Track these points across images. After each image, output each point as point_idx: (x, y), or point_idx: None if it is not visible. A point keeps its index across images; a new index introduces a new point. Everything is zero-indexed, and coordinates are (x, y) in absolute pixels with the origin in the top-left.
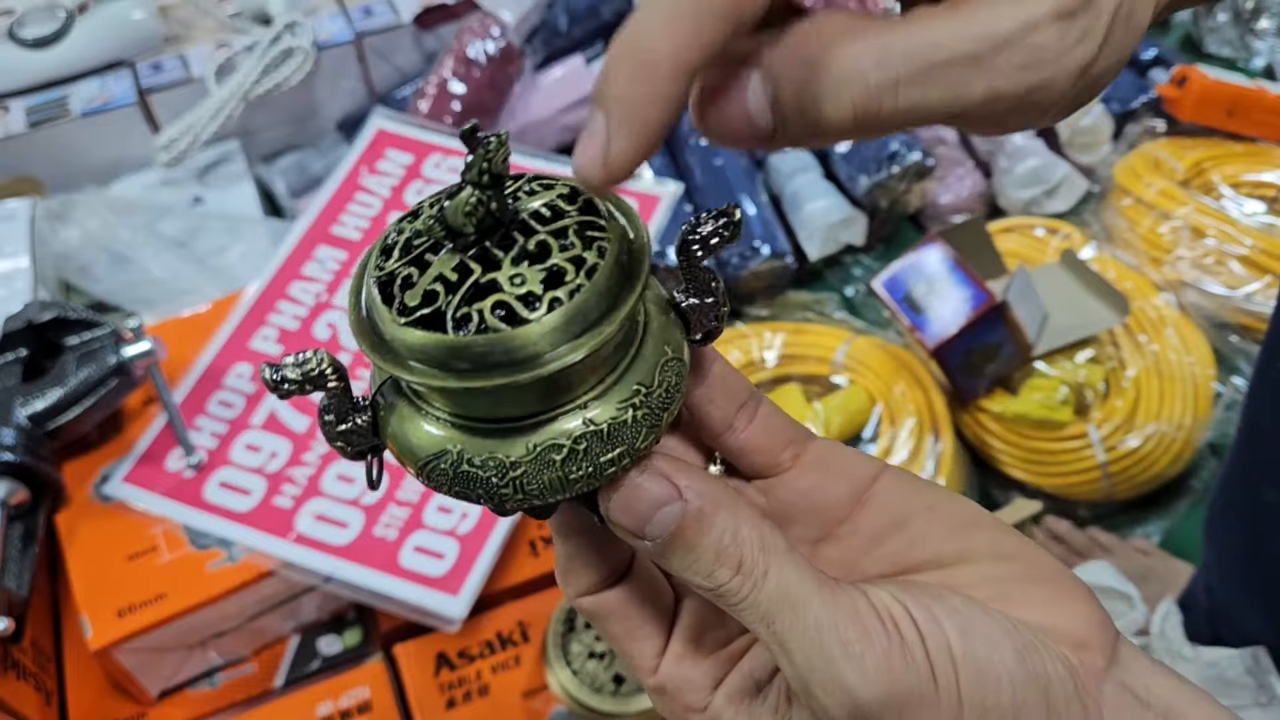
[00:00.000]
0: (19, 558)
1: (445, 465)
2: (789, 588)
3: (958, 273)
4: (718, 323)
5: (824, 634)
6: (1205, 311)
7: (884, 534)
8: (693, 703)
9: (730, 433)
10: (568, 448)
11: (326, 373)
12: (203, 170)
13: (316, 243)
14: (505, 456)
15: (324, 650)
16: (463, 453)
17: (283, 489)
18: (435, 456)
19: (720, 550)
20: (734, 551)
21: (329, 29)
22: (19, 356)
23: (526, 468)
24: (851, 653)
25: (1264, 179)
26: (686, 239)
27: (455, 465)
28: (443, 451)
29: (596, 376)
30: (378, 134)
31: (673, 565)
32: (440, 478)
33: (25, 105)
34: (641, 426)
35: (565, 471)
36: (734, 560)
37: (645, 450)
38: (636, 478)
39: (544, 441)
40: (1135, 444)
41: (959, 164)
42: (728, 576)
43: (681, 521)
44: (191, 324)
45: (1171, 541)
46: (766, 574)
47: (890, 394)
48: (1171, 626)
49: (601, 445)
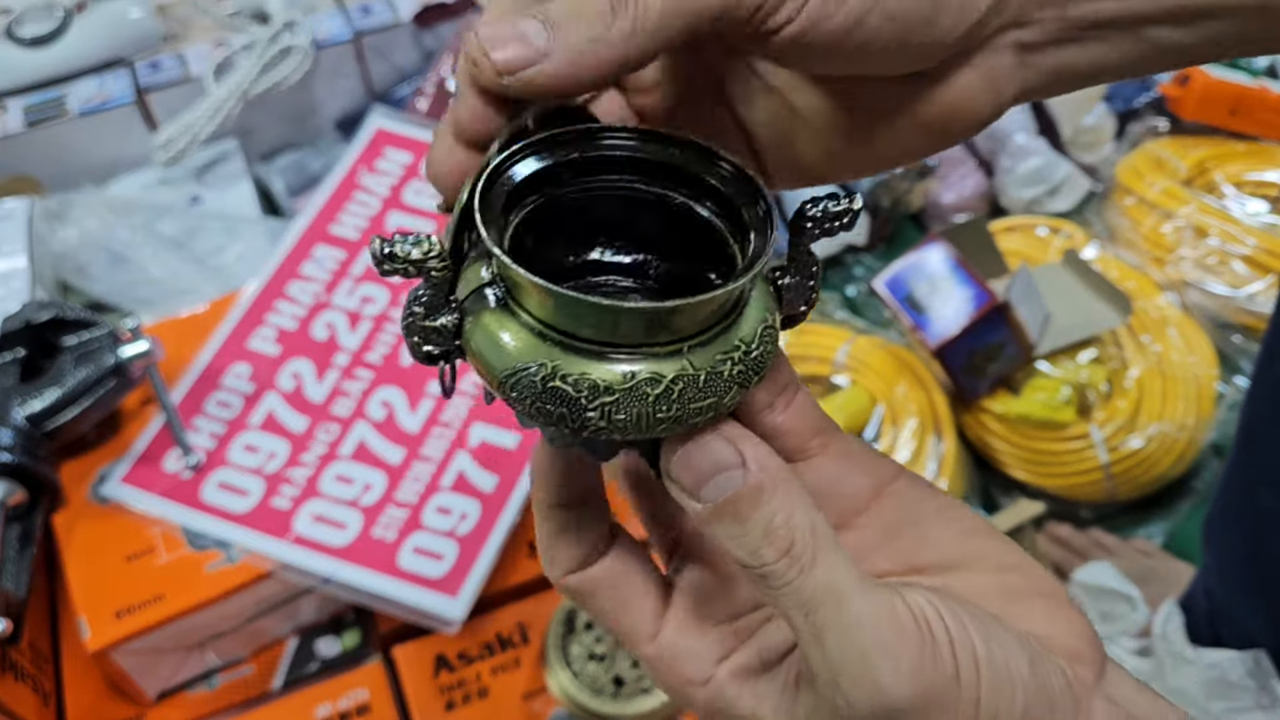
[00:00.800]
0: (16, 559)
1: (535, 377)
2: (835, 580)
3: (960, 272)
4: (807, 307)
5: (863, 630)
6: (1208, 311)
7: (898, 530)
8: (694, 675)
9: (769, 412)
10: (664, 385)
11: (435, 261)
12: (201, 169)
13: (315, 242)
14: (600, 380)
15: (323, 652)
16: (557, 368)
17: (281, 490)
18: (526, 366)
19: (770, 530)
20: (784, 534)
21: (328, 28)
22: (16, 357)
23: (620, 395)
24: (888, 652)
25: (1267, 178)
26: (804, 217)
27: (546, 379)
28: (536, 362)
29: (704, 325)
30: (377, 133)
31: (719, 535)
32: (525, 389)
33: (23, 104)
34: (733, 384)
35: (654, 409)
36: (783, 543)
37: (729, 407)
38: (705, 435)
39: (643, 374)
40: (1138, 444)
41: (961, 163)
42: (774, 558)
43: (738, 491)
44: (189, 324)
45: (1174, 542)
46: (815, 563)
47: (892, 394)
48: (1173, 628)
49: (695, 392)
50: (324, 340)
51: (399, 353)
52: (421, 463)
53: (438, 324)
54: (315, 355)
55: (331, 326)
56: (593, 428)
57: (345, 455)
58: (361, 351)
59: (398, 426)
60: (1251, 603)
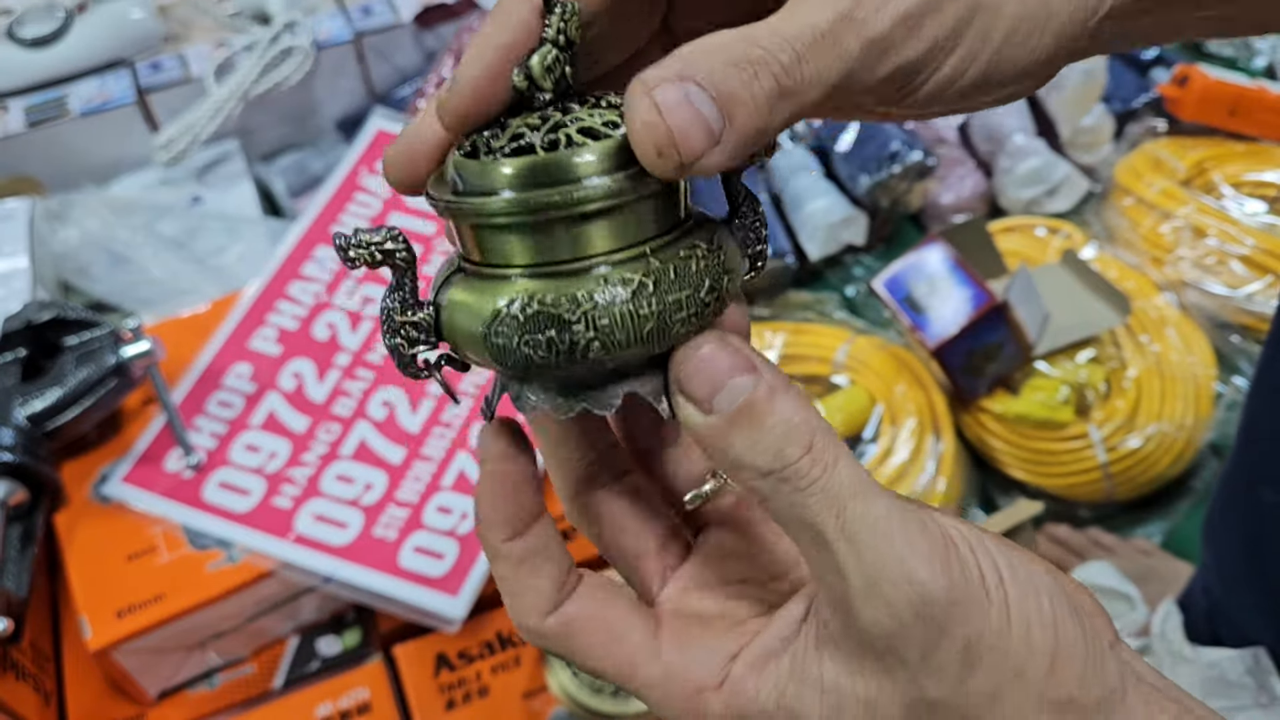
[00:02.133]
0: (18, 558)
1: (514, 310)
2: (859, 479)
3: (959, 272)
4: (762, 245)
5: (894, 527)
6: (1206, 311)
7: None
8: (707, 679)
9: None
10: (637, 282)
11: (393, 244)
12: (202, 170)
13: (316, 243)
14: (575, 291)
15: (323, 651)
16: (534, 294)
17: (282, 489)
18: (506, 304)
19: (790, 428)
20: (805, 431)
21: (328, 28)
22: (18, 356)
23: (598, 299)
24: (918, 547)
25: (1265, 178)
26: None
27: (525, 307)
28: (512, 298)
29: (661, 226)
30: (377, 134)
31: (733, 446)
32: (509, 329)
33: (24, 105)
34: (704, 277)
35: (635, 307)
36: (805, 439)
37: (709, 308)
38: (711, 344)
39: (614, 276)
40: (1136, 444)
41: (960, 163)
42: (798, 454)
43: (754, 394)
44: (190, 324)
45: (1173, 542)
46: (838, 460)
47: (891, 394)
48: (1172, 627)
49: (668, 285)
50: (325, 340)
51: None
52: (422, 462)
53: (415, 319)
54: (316, 355)
55: (333, 326)
56: (582, 344)
57: (346, 455)
58: (362, 351)
59: (398, 426)
60: (1251, 601)
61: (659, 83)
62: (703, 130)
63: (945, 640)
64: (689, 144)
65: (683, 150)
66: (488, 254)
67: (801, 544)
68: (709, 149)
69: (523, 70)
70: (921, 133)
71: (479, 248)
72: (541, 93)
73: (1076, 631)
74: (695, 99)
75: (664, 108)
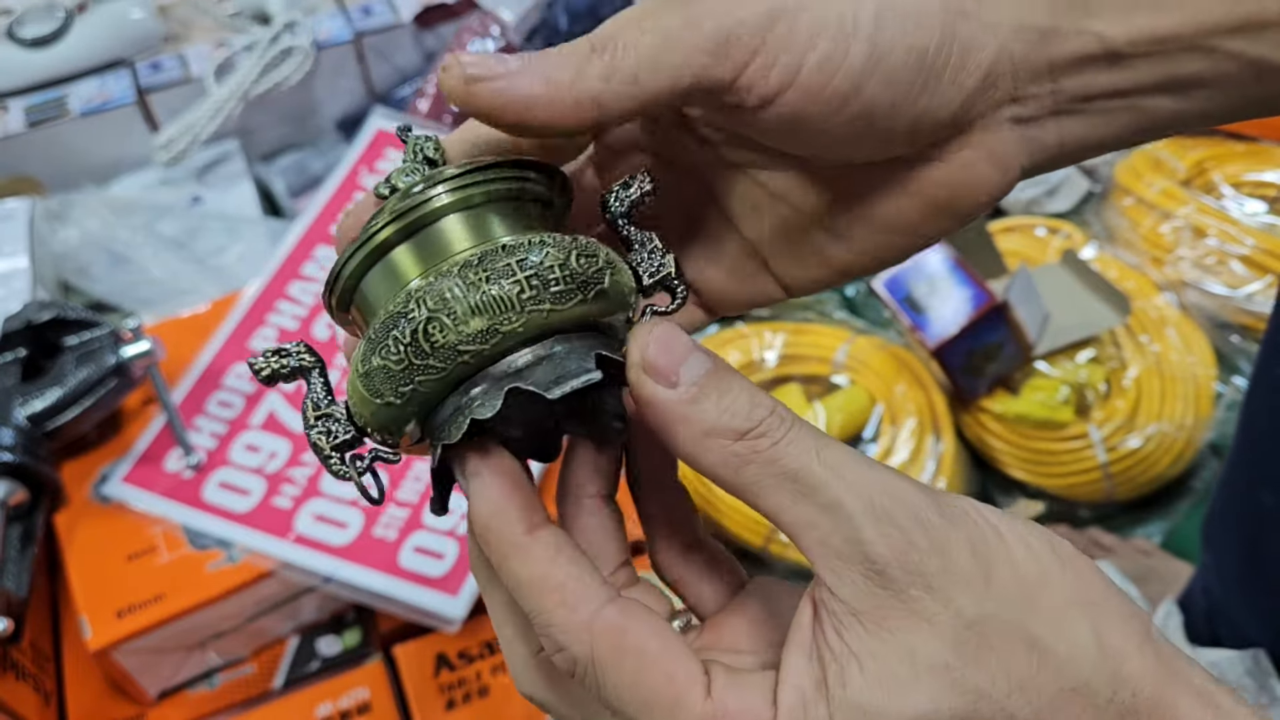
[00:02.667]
0: (18, 558)
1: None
2: (818, 431)
3: (959, 273)
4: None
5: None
6: (1206, 311)
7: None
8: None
9: None
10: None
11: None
12: (202, 170)
13: (316, 243)
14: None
15: (323, 651)
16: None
17: (282, 489)
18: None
19: (753, 392)
20: (762, 396)
21: (328, 28)
22: (18, 356)
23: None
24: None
25: (1265, 178)
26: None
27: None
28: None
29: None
30: (377, 134)
31: (707, 412)
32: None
33: (24, 105)
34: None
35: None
36: (767, 401)
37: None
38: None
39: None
40: (1136, 444)
41: None
42: (766, 413)
43: (715, 363)
44: (190, 324)
45: (1173, 542)
46: (796, 418)
47: (891, 394)
48: (1172, 627)
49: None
50: (325, 340)
51: None
52: (422, 462)
53: (329, 410)
54: None
55: (333, 327)
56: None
57: None
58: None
59: None
60: (1250, 602)
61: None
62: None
63: (951, 548)
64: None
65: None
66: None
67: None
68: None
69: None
70: None
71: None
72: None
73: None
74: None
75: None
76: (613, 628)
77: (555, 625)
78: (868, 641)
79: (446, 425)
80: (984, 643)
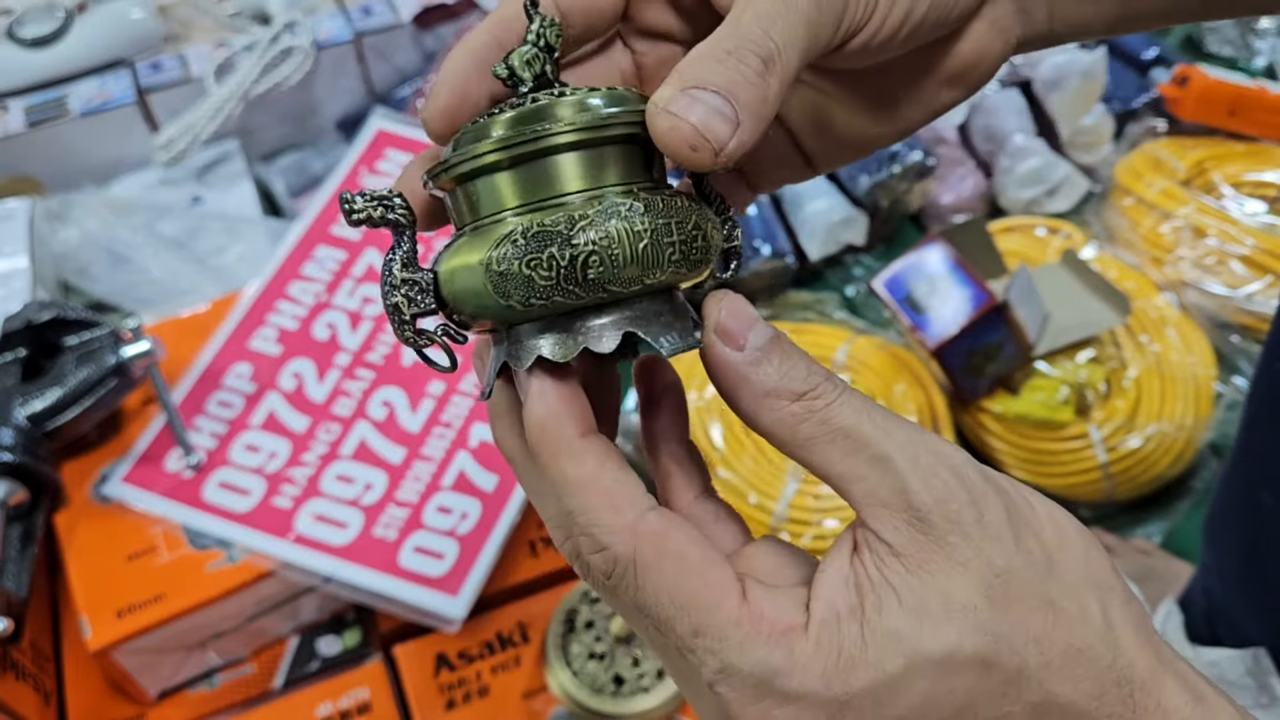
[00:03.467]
0: (18, 558)
1: (518, 234)
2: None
3: (959, 272)
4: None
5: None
6: (1206, 311)
7: None
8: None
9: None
10: (630, 203)
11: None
12: (202, 170)
13: (316, 243)
14: (574, 211)
15: (323, 651)
16: (534, 219)
17: (282, 489)
18: (508, 233)
19: (809, 360)
20: (815, 364)
21: (328, 28)
22: (18, 356)
23: (594, 215)
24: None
25: (1265, 179)
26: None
27: (526, 230)
28: (513, 228)
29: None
30: (377, 134)
31: (770, 374)
32: (511, 255)
33: (24, 105)
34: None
35: (629, 224)
36: (821, 368)
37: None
38: (731, 295)
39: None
40: (1136, 444)
41: (960, 164)
42: (822, 376)
43: (776, 330)
44: (190, 324)
45: (1173, 542)
46: (846, 385)
47: (891, 394)
48: (1172, 627)
49: (657, 210)
50: (325, 340)
51: (400, 353)
52: (422, 462)
53: (414, 276)
54: (316, 355)
55: (333, 326)
56: (582, 258)
57: (346, 455)
58: (362, 351)
59: (399, 426)
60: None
61: (668, 99)
62: (720, 118)
63: (987, 504)
64: (714, 132)
65: (712, 138)
66: (482, 207)
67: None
68: (732, 131)
69: (504, 63)
70: (921, 133)
71: (474, 205)
72: (521, 84)
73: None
74: (703, 98)
75: (682, 113)
76: (656, 532)
77: (600, 525)
78: (907, 579)
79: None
80: (1009, 593)
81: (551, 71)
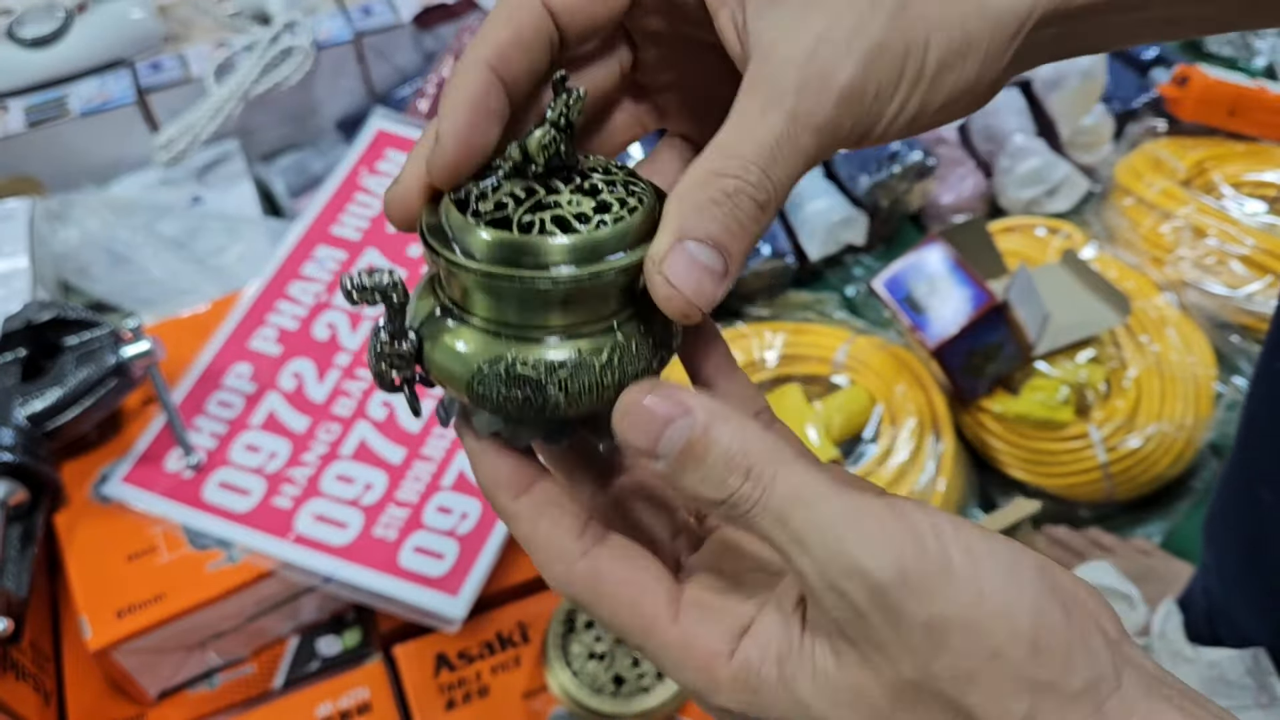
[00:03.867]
0: (18, 558)
1: (500, 369)
2: (800, 488)
3: (959, 272)
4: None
5: (839, 525)
6: (1206, 311)
7: None
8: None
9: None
10: (605, 354)
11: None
12: (202, 170)
13: (316, 243)
14: (554, 359)
15: (323, 651)
16: (515, 358)
17: (282, 489)
18: (490, 361)
19: (729, 459)
20: (742, 459)
21: (328, 28)
22: (18, 356)
23: (571, 369)
24: (864, 536)
25: (1265, 178)
26: None
27: (509, 369)
28: (497, 356)
29: (623, 302)
30: (377, 134)
31: (686, 483)
32: (491, 381)
33: (24, 105)
34: (659, 345)
35: (601, 378)
36: (743, 466)
37: (661, 365)
38: (644, 398)
39: (587, 348)
40: (1136, 444)
41: (960, 164)
42: (739, 483)
43: (691, 435)
44: (190, 324)
45: (1173, 542)
46: (776, 477)
47: (891, 394)
48: (1172, 627)
49: (630, 358)
50: (325, 340)
51: None
52: (422, 462)
53: (401, 350)
54: (316, 355)
55: (333, 326)
56: (553, 403)
57: (346, 455)
58: (363, 351)
59: (398, 426)
60: (1251, 601)
61: (663, 258)
62: (711, 278)
63: (904, 622)
64: (706, 296)
65: (702, 302)
66: (471, 304)
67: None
68: (720, 283)
69: (519, 146)
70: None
71: (462, 296)
72: (534, 165)
73: (1060, 618)
74: (696, 254)
75: (676, 281)
76: (587, 576)
77: (546, 576)
78: (829, 659)
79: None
80: (918, 698)
81: (566, 151)
